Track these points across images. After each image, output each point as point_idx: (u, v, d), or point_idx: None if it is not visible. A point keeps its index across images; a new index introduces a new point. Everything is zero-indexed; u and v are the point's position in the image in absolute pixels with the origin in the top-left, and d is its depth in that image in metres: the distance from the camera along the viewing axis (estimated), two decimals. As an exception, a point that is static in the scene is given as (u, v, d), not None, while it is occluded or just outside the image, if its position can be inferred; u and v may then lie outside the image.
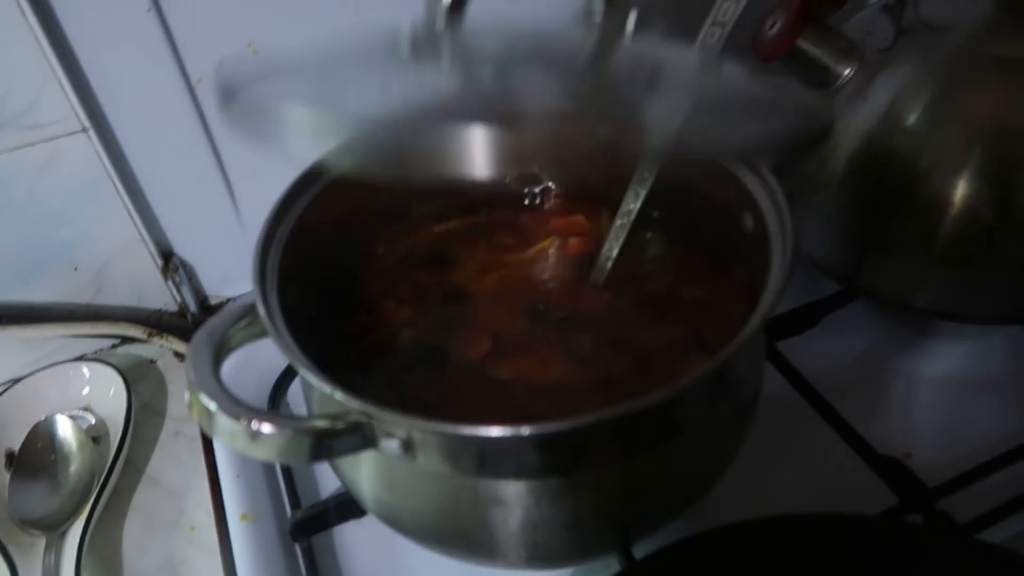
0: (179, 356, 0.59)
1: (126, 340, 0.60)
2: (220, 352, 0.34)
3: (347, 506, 0.45)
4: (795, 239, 0.34)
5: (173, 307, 0.61)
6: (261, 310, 0.33)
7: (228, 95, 0.32)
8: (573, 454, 0.31)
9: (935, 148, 0.45)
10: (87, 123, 0.49)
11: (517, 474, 0.31)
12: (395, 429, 0.31)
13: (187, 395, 0.32)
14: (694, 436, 0.34)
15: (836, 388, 0.48)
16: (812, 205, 0.52)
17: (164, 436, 0.54)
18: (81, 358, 0.58)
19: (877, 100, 0.46)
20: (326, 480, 0.49)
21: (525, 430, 0.28)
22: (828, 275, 0.53)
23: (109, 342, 0.60)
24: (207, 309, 0.61)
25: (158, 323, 0.60)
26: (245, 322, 0.36)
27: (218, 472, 0.49)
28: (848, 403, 0.47)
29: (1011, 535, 0.42)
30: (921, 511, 0.42)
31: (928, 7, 0.47)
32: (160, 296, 0.60)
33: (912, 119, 0.45)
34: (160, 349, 0.60)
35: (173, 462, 0.52)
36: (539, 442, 0.30)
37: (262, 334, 0.36)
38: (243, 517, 0.46)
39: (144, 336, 0.59)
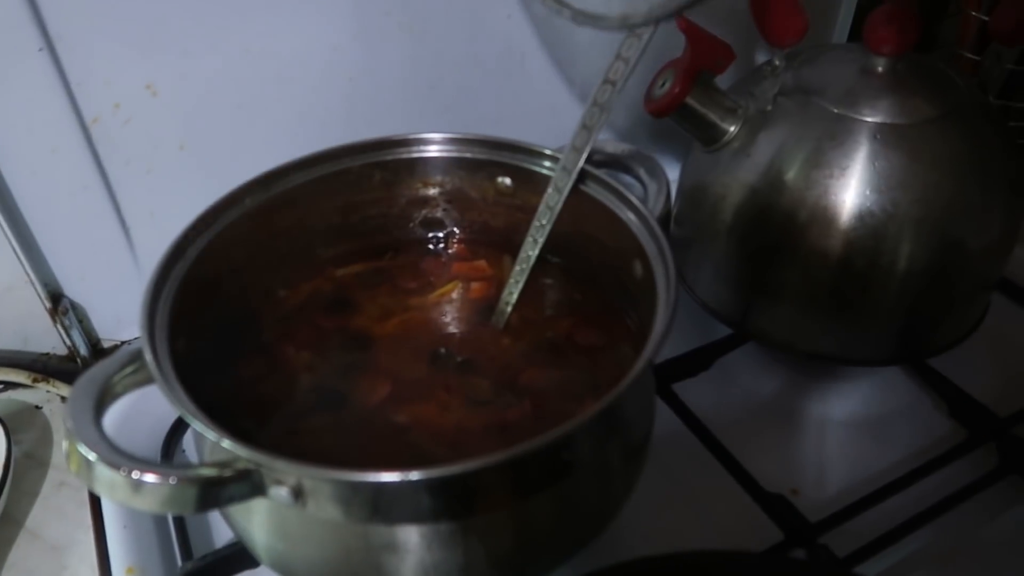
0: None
1: (9, 385, 0.57)
2: (103, 399, 0.33)
3: (240, 556, 0.43)
4: (678, 285, 0.36)
5: (62, 350, 0.58)
6: (147, 355, 0.33)
7: None
8: (464, 498, 0.31)
9: (809, 202, 0.48)
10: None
11: (409, 519, 0.32)
12: (284, 476, 0.30)
13: (65, 444, 0.31)
14: (585, 478, 0.35)
15: (728, 428, 0.50)
16: (704, 253, 0.54)
17: (47, 487, 0.51)
18: (-42, 405, 0.54)
19: (759, 156, 0.49)
20: (221, 529, 0.47)
21: (413, 475, 0.28)
22: (720, 320, 0.55)
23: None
24: (99, 353, 0.58)
25: (44, 368, 0.58)
26: (133, 367, 0.35)
27: (104, 524, 0.47)
28: (739, 442, 0.50)
29: (887, 567, 0.44)
30: (804, 546, 0.44)
31: (803, 73, 0.50)
32: (48, 339, 0.57)
33: (790, 174, 0.48)
34: (46, 395, 0.57)
35: (56, 515, 0.50)
36: (428, 487, 0.30)
37: (151, 380, 0.35)
38: (129, 571, 0.44)
39: (29, 381, 0.56)
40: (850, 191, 0.47)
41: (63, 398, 0.57)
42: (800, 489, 0.49)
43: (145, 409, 0.48)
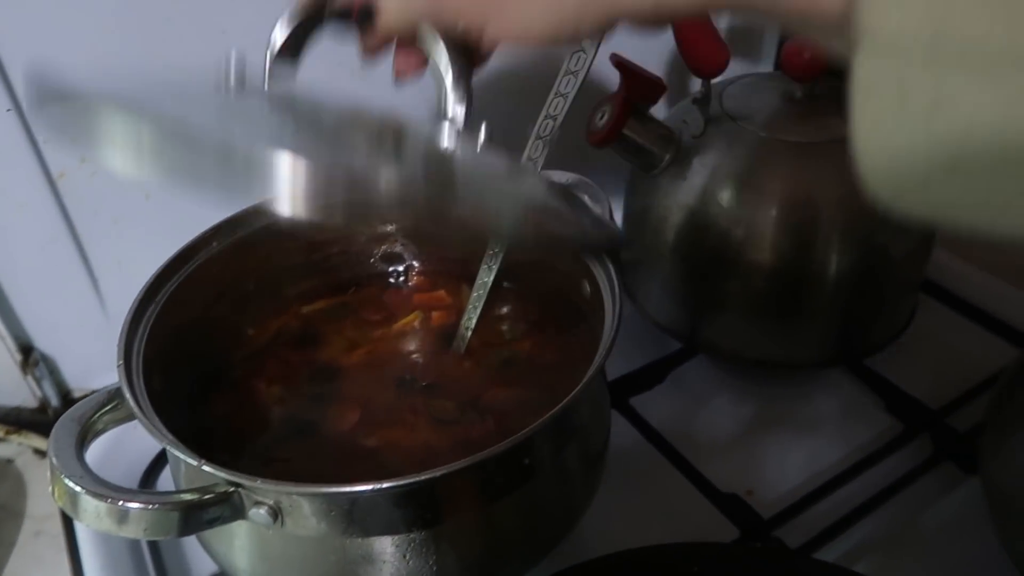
0: (39, 453, 0.57)
1: (-21, 440, 0.58)
2: (85, 436, 0.35)
3: (222, 589, 0.45)
4: (622, 297, 0.39)
5: (33, 403, 0.59)
6: (126, 390, 0.35)
7: (43, 96, 0.29)
8: (433, 505, 0.34)
9: (743, 219, 0.51)
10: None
11: (383, 531, 0.34)
12: (263, 496, 0.32)
13: (50, 480, 0.32)
14: (546, 483, 0.37)
15: (683, 436, 0.53)
16: (651, 273, 0.58)
17: (23, 537, 0.52)
18: (-71, 462, 0.55)
19: (694, 179, 0.52)
20: (199, 568, 0.48)
21: (384, 484, 0.30)
22: (670, 335, 0.58)
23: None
24: (70, 403, 0.59)
25: (16, 420, 0.58)
26: (111, 405, 0.37)
27: (83, 569, 0.47)
28: (694, 449, 0.52)
29: (838, 555, 0.47)
30: (759, 540, 0.47)
31: (730, 101, 0.54)
32: (19, 392, 0.58)
33: (723, 195, 0.52)
34: (18, 447, 0.58)
35: (34, 563, 0.50)
36: (399, 496, 0.33)
37: (129, 418, 0.37)
38: (110, 612, 0.45)
39: (1, 435, 0.57)
40: (778, 207, 0.51)
41: (35, 450, 0.58)
42: (754, 490, 0.51)
43: (121, 451, 0.49)
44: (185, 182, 0.26)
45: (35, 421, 0.59)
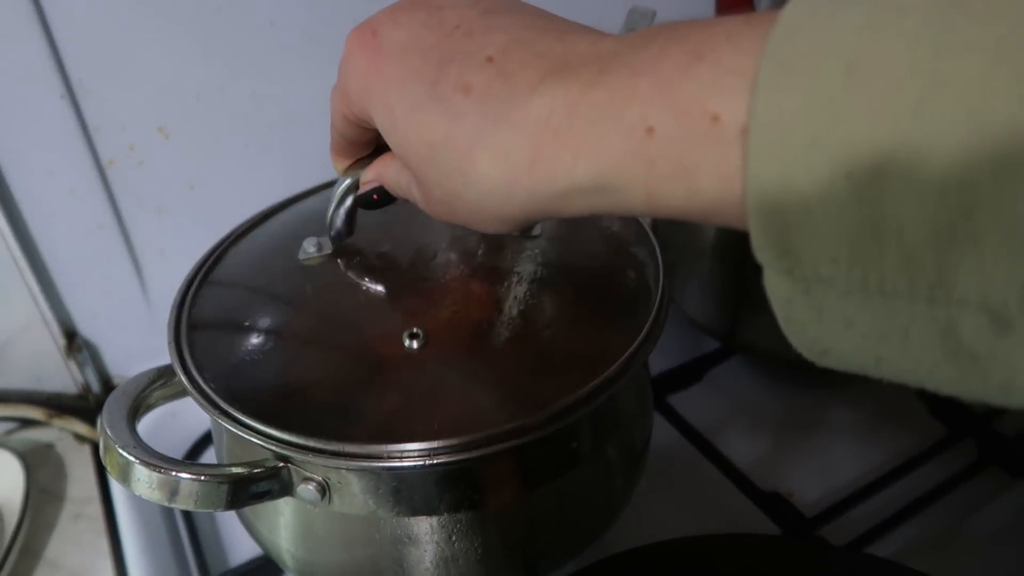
0: (80, 439, 0.58)
1: (24, 423, 0.59)
2: (137, 410, 0.35)
3: (257, 573, 0.45)
4: (666, 289, 0.38)
5: (73, 389, 0.60)
6: (177, 368, 0.35)
7: None
8: (477, 486, 0.33)
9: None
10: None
11: (429, 510, 0.34)
12: (311, 471, 0.32)
13: (103, 451, 0.33)
14: (591, 470, 0.37)
15: (721, 435, 0.53)
16: (689, 272, 0.57)
17: (63, 520, 0.53)
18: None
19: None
20: (237, 550, 0.49)
21: (434, 461, 0.30)
22: (708, 334, 0.58)
23: (3, 427, 0.59)
24: (111, 389, 0.60)
25: (58, 405, 0.59)
26: (160, 383, 0.37)
27: (122, 550, 0.48)
28: (732, 448, 0.52)
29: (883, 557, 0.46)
30: (802, 539, 0.46)
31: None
32: (60, 378, 0.59)
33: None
34: (59, 432, 0.59)
35: (74, 545, 0.51)
36: (446, 473, 0.32)
37: (177, 395, 0.37)
38: (149, 593, 0.45)
39: (43, 418, 0.58)
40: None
41: (76, 435, 0.58)
42: (793, 491, 0.51)
43: (165, 430, 0.50)
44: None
45: (76, 407, 0.60)
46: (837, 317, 0.20)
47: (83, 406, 0.60)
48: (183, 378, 0.34)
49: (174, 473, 0.31)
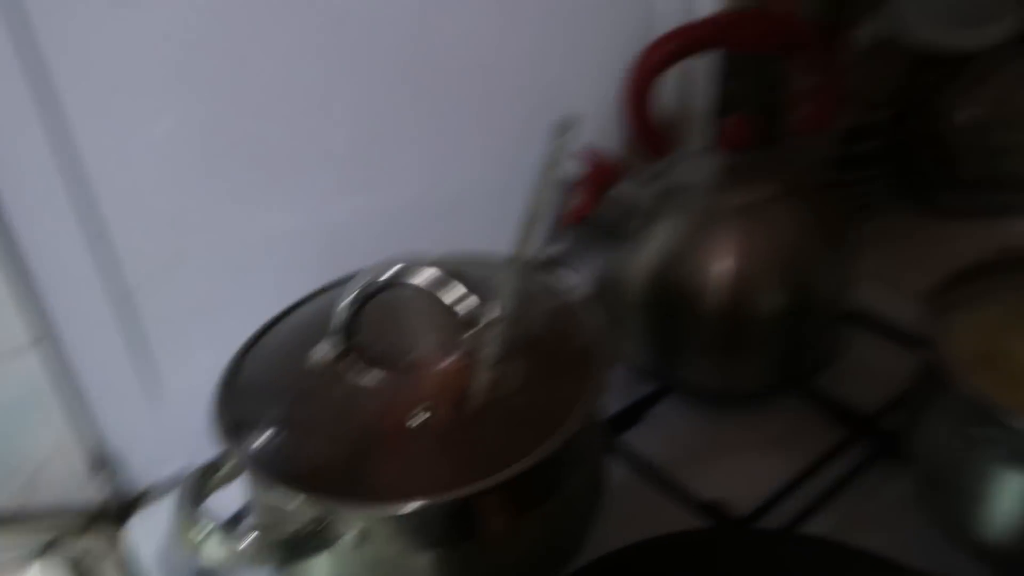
0: (103, 550, 0.63)
1: (54, 541, 0.64)
2: (199, 495, 0.44)
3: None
4: (610, 346, 0.49)
5: (96, 503, 0.65)
6: (237, 455, 0.44)
7: None
8: (470, 518, 0.43)
9: (698, 272, 0.63)
10: (38, 335, 0.57)
11: (442, 543, 0.43)
12: (353, 522, 0.41)
13: (181, 531, 0.41)
14: (564, 500, 0.47)
15: (664, 462, 0.63)
16: (628, 323, 0.68)
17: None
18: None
19: (653, 244, 0.64)
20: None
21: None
22: (648, 377, 0.69)
23: (30, 545, 0.63)
24: (131, 501, 0.66)
25: (87, 520, 0.64)
26: (209, 475, 0.46)
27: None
28: (675, 471, 0.62)
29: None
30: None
31: (677, 173, 0.66)
32: (84, 492, 0.64)
33: (678, 254, 0.63)
34: (87, 544, 0.64)
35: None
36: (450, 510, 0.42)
37: (229, 480, 0.46)
38: None
39: (74, 534, 0.63)
40: (724, 259, 0.62)
41: (100, 546, 0.64)
42: (727, 499, 0.61)
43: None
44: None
45: (101, 519, 0.65)
46: None
47: (108, 518, 0.65)
48: (249, 465, 0.43)
49: (240, 543, 0.40)
